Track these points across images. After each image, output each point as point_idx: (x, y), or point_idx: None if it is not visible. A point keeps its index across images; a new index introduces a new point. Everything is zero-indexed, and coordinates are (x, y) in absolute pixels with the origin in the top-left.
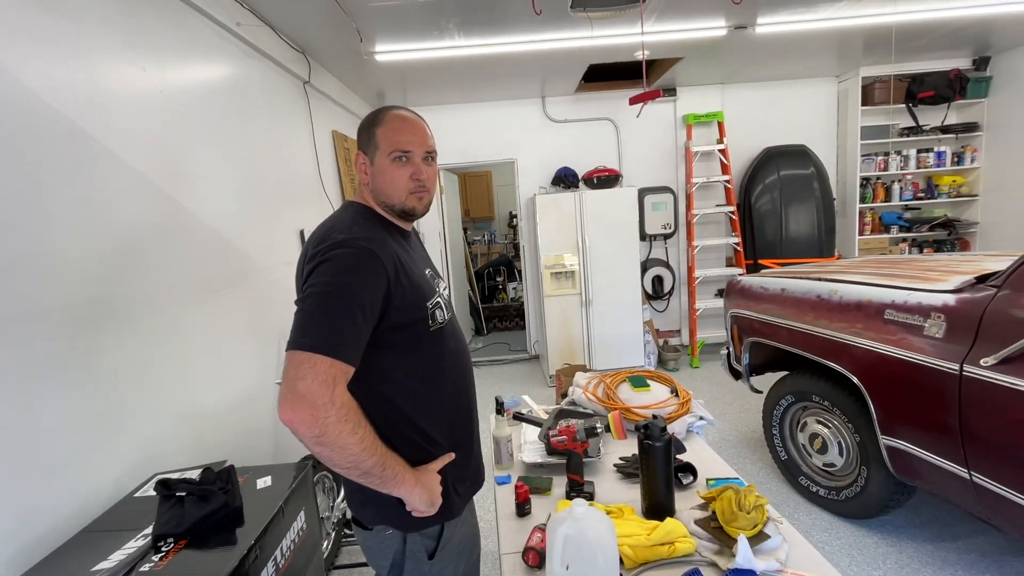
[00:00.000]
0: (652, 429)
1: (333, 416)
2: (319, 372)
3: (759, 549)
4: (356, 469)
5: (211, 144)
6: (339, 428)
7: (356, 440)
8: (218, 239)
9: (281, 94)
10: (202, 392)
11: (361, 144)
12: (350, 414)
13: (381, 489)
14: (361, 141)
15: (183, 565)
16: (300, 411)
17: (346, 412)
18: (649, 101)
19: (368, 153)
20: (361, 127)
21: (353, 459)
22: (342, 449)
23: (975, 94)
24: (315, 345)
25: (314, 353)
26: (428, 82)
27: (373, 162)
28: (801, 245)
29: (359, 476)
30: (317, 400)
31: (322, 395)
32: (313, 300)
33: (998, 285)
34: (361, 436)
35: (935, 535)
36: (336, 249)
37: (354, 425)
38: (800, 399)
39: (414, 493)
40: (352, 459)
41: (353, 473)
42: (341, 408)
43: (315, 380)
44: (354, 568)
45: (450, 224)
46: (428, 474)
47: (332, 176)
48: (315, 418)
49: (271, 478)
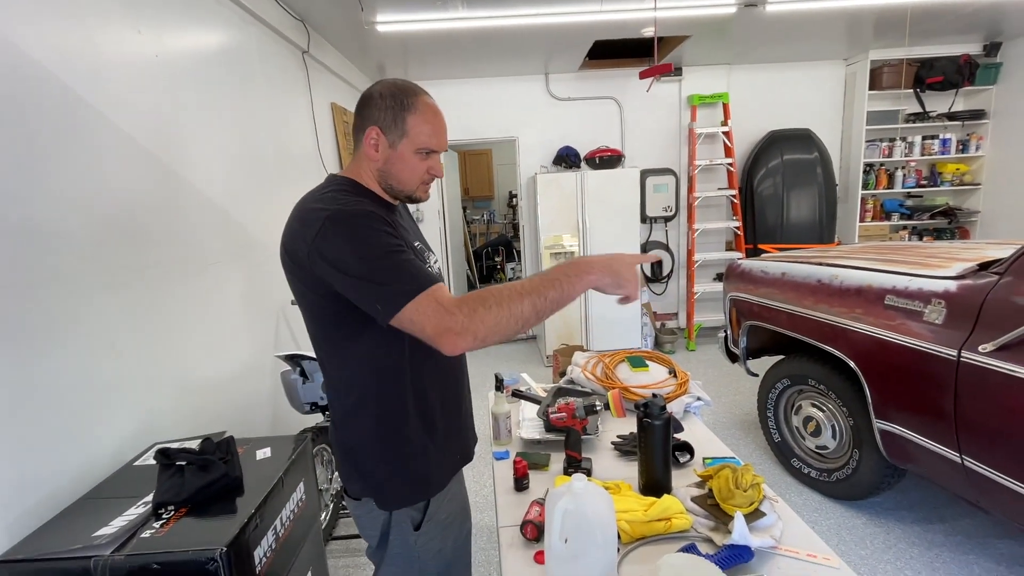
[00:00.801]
0: (652, 408)
1: (463, 317)
2: (425, 308)
3: (754, 526)
4: (533, 317)
5: (208, 113)
6: (476, 318)
7: (495, 309)
8: (216, 212)
9: (279, 63)
10: (200, 364)
11: (380, 120)
12: (473, 302)
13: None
14: (380, 117)
15: (184, 532)
16: (449, 340)
17: (468, 305)
18: (659, 76)
19: (388, 134)
20: (382, 101)
21: (515, 317)
22: (499, 325)
23: (984, 80)
24: (401, 298)
25: (407, 302)
26: (430, 55)
27: (395, 147)
28: (802, 231)
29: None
30: (443, 322)
31: (441, 317)
32: (364, 276)
33: (1000, 272)
34: (496, 301)
35: (922, 517)
36: (337, 223)
37: (482, 303)
38: (796, 383)
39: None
40: (515, 318)
41: (532, 322)
42: (462, 307)
43: (427, 315)
44: (351, 539)
45: (449, 203)
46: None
47: (331, 150)
48: (459, 334)
49: (270, 449)
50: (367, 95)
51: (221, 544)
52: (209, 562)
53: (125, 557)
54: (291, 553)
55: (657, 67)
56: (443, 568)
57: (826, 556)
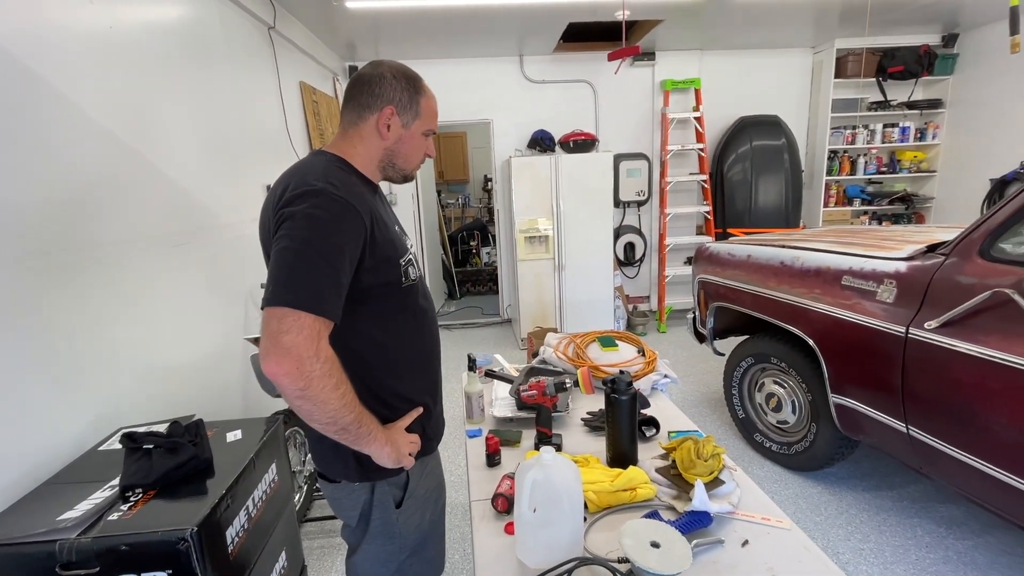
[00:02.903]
0: (619, 384)
1: (318, 370)
2: (304, 326)
3: (714, 494)
4: (334, 425)
5: (168, 89)
6: (323, 383)
7: (338, 396)
8: (179, 192)
9: (244, 38)
10: (166, 348)
11: (396, 101)
12: (333, 370)
13: (352, 446)
14: (397, 98)
15: (153, 514)
16: (286, 364)
17: (330, 367)
18: (627, 58)
19: (403, 115)
20: (396, 83)
21: (333, 415)
22: (324, 404)
23: (942, 71)
24: (298, 300)
25: (298, 309)
26: (402, 34)
27: (408, 127)
28: (769, 215)
29: (335, 432)
30: (303, 353)
31: (307, 349)
32: (292, 253)
33: (946, 253)
34: (343, 392)
35: (873, 485)
36: (314, 198)
37: (337, 381)
38: (759, 361)
39: (384, 451)
40: (332, 415)
41: (330, 429)
42: (326, 363)
43: (300, 334)
44: (325, 520)
45: (424, 186)
46: (396, 432)
47: (300, 130)
48: (300, 371)
49: (241, 432)
50: (376, 75)
51: (192, 524)
52: (180, 542)
53: (92, 540)
54: (264, 533)
55: (625, 49)
56: (420, 541)
57: (779, 519)
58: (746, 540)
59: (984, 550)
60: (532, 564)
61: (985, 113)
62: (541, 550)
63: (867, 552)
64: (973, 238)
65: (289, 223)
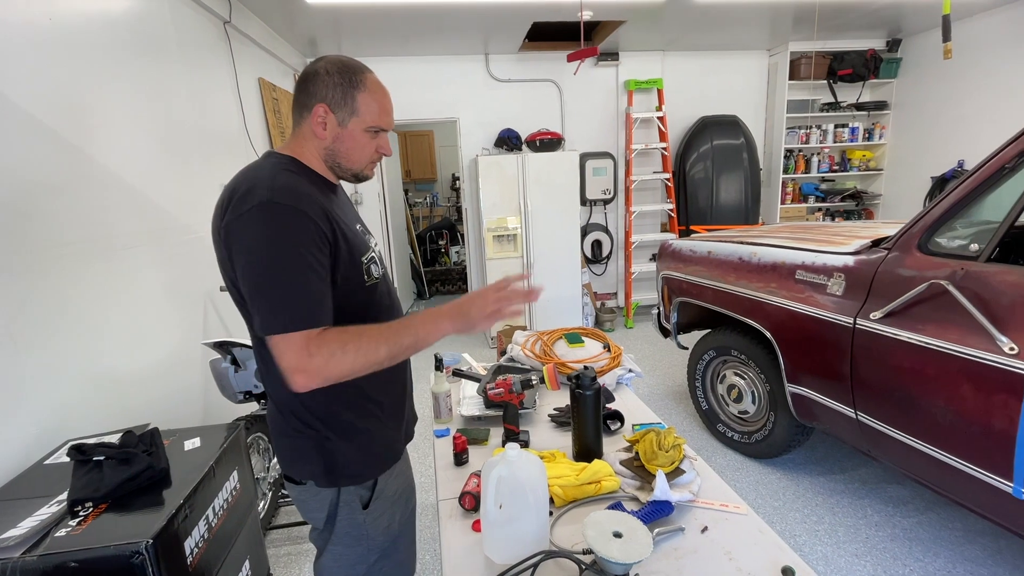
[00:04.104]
0: (583, 379)
1: (320, 362)
2: (293, 344)
3: (675, 483)
4: (384, 362)
5: (115, 85)
6: (332, 363)
7: (352, 354)
8: (129, 192)
9: (198, 32)
10: (118, 355)
11: (327, 98)
12: (334, 343)
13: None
14: (328, 95)
15: (105, 528)
16: (299, 379)
17: (328, 348)
18: (586, 59)
19: (337, 112)
20: (329, 79)
21: (368, 363)
22: (352, 367)
23: (887, 74)
24: (284, 326)
25: (286, 333)
26: (365, 31)
27: (344, 125)
28: (730, 212)
29: (391, 361)
30: (300, 364)
31: (300, 359)
32: (264, 279)
33: (889, 248)
34: (356, 345)
35: (827, 469)
36: (262, 214)
37: (341, 348)
38: (721, 354)
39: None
40: (367, 364)
41: (386, 364)
42: (322, 348)
43: (291, 352)
44: (292, 527)
45: (390, 185)
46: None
47: (260, 128)
48: (310, 375)
49: (200, 439)
50: (311, 71)
51: (147, 536)
52: (134, 555)
53: (38, 558)
54: (225, 543)
55: (583, 51)
56: (390, 543)
57: (736, 505)
58: (705, 527)
59: (927, 526)
60: (499, 560)
61: (926, 114)
62: (507, 545)
63: (821, 533)
64: (912, 233)
65: (249, 242)
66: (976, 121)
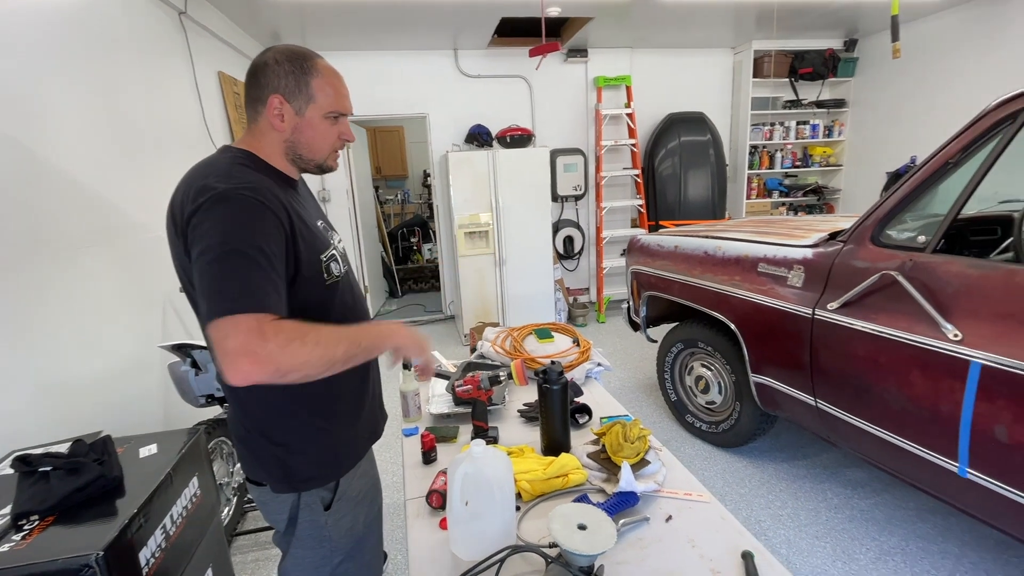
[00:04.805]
0: (550, 374)
1: (275, 348)
2: (241, 326)
3: (640, 474)
4: (336, 365)
5: (62, 79)
6: (288, 352)
7: (310, 348)
8: (79, 190)
9: (151, 24)
10: (68, 361)
11: (281, 88)
12: (291, 333)
13: (373, 357)
14: (281, 85)
15: (52, 541)
16: (242, 365)
17: (285, 335)
18: (548, 54)
19: (292, 101)
20: (279, 68)
21: (324, 361)
22: (307, 363)
23: (844, 73)
24: (231, 308)
25: (230, 314)
26: (330, 24)
27: (302, 114)
28: (697, 207)
29: (343, 365)
30: (250, 346)
31: (252, 340)
32: (214, 265)
33: (844, 240)
34: (315, 338)
35: (790, 456)
36: (219, 203)
37: (300, 338)
38: (688, 346)
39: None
40: (323, 362)
41: (337, 368)
42: (278, 335)
43: (239, 332)
44: (259, 532)
45: (359, 182)
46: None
47: (220, 124)
48: (260, 361)
49: (156, 446)
50: (259, 63)
51: (97, 549)
52: (84, 569)
53: None
54: (185, 551)
55: (544, 46)
56: (354, 545)
57: (700, 493)
58: (670, 516)
59: (883, 507)
60: (466, 557)
61: (881, 112)
62: (474, 542)
63: (784, 517)
64: (866, 226)
65: (202, 234)
66: (927, 118)
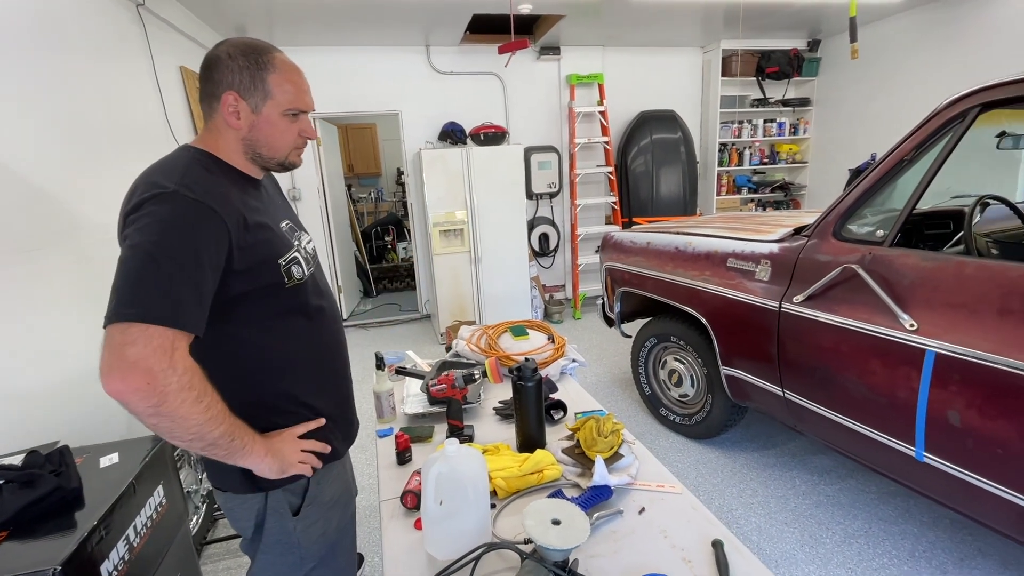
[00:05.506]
0: (524, 371)
1: (175, 383)
2: (152, 337)
3: (614, 468)
4: (200, 441)
5: (6, 73)
6: (181, 396)
7: (201, 409)
8: (28, 190)
9: (106, 16)
10: (20, 369)
11: (235, 84)
12: (194, 380)
13: (226, 460)
14: (235, 81)
15: (6, 558)
16: (133, 379)
17: (189, 378)
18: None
19: (248, 99)
20: (233, 63)
21: (197, 430)
22: (184, 420)
23: (808, 72)
24: (145, 314)
25: (145, 323)
26: (298, 18)
27: (259, 112)
28: (669, 204)
29: (202, 448)
30: (153, 366)
31: (158, 361)
32: (138, 260)
33: (808, 235)
34: (207, 404)
35: (760, 445)
36: (164, 203)
37: (199, 393)
38: (661, 340)
39: (264, 463)
40: (196, 430)
41: (196, 446)
42: (184, 374)
43: (148, 345)
44: (230, 540)
45: (330, 180)
46: (281, 440)
47: (184, 120)
48: (152, 386)
49: (118, 455)
50: (212, 58)
51: (55, 563)
52: None
53: None
54: (151, 562)
55: (513, 43)
56: (327, 551)
57: (672, 485)
58: (643, 508)
59: (848, 492)
60: (440, 556)
61: (843, 110)
62: (449, 541)
63: (755, 505)
64: (828, 221)
65: (137, 229)
66: (886, 116)
